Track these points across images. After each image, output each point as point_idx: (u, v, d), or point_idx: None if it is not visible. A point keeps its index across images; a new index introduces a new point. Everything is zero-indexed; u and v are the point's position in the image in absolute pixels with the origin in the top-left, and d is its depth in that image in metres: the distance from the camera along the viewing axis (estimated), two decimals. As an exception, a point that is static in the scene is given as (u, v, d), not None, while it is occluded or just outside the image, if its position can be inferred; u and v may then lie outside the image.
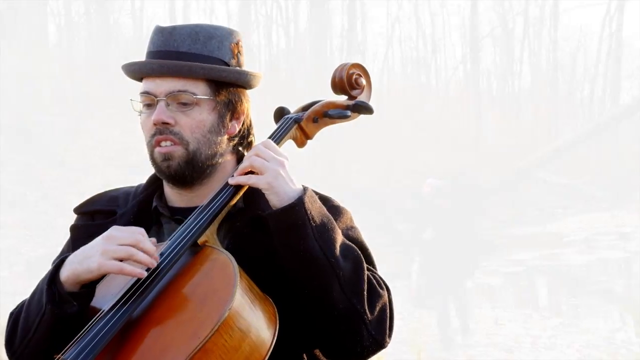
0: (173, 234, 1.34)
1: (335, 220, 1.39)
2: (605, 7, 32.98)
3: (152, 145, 1.41)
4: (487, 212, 16.97)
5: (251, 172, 1.36)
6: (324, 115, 1.52)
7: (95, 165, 13.03)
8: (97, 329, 1.20)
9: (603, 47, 33.95)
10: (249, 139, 1.52)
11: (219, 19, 25.20)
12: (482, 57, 32.54)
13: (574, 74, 38.27)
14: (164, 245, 1.32)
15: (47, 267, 1.36)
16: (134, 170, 13.52)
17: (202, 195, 1.42)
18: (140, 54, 1.48)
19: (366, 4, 27.72)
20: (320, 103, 1.53)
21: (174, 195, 1.47)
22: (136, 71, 1.44)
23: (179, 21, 22.61)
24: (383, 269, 1.47)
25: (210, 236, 1.34)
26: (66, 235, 1.53)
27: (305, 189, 1.36)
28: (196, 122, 1.39)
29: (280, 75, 23.31)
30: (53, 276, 1.30)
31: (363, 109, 1.53)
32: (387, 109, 19.67)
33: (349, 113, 1.52)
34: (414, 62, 31.33)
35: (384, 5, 29.53)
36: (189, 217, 1.35)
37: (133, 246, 1.25)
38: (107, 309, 1.24)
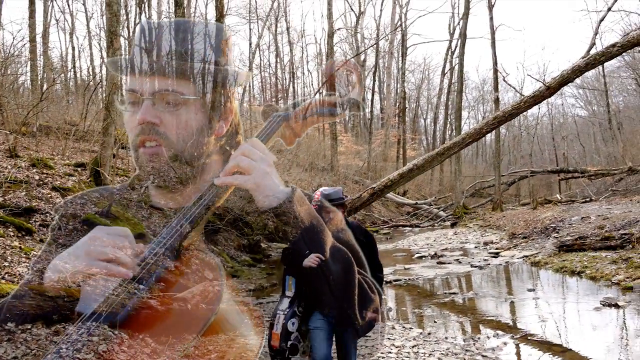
0: (157, 236, 1.26)
1: (325, 222, 1.33)
2: (447, 45, 35.66)
3: (137, 144, 1.32)
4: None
5: (238, 172, 1.28)
6: (314, 112, 1.46)
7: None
8: (75, 337, 1.14)
9: (445, 80, 36.59)
10: (237, 139, 1.44)
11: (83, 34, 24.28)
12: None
13: (419, 103, 40.67)
14: (149, 247, 1.24)
15: None
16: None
17: (187, 196, 1.35)
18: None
19: (228, 30, 28.00)
20: (309, 100, 1.47)
21: (158, 196, 1.39)
22: (121, 68, 1.36)
23: (39, 29, 21.81)
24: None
25: (196, 237, 1.28)
26: None
27: (294, 190, 1.29)
28: (182, 122, 1.30)
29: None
30: (41, 278, 1.25)
31: (354, 106, 1.48)
32: (248, 133, 19.91)
33: (339, 110, 1.47)
34: (273, 88, 32.07)
35: (246, 31, 29.96)
36: (173, 219, 1.27)
37: (116, 248, 1.18)
38: (88, 315, 1.17)
